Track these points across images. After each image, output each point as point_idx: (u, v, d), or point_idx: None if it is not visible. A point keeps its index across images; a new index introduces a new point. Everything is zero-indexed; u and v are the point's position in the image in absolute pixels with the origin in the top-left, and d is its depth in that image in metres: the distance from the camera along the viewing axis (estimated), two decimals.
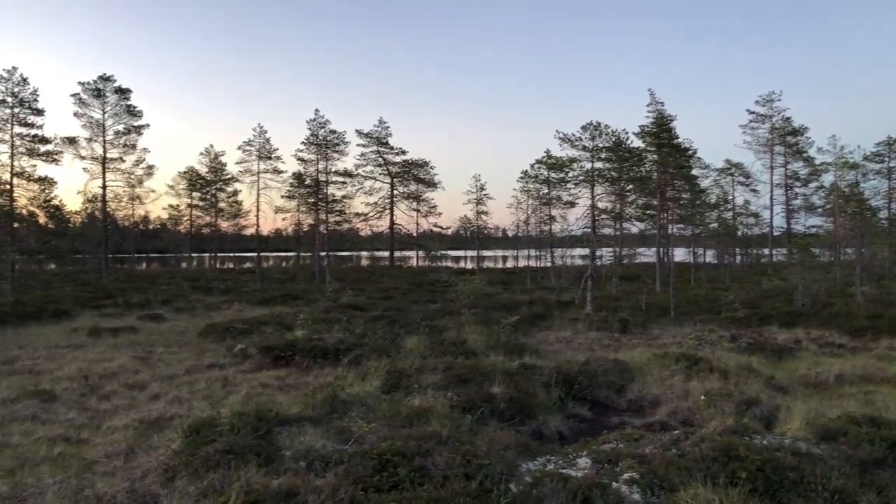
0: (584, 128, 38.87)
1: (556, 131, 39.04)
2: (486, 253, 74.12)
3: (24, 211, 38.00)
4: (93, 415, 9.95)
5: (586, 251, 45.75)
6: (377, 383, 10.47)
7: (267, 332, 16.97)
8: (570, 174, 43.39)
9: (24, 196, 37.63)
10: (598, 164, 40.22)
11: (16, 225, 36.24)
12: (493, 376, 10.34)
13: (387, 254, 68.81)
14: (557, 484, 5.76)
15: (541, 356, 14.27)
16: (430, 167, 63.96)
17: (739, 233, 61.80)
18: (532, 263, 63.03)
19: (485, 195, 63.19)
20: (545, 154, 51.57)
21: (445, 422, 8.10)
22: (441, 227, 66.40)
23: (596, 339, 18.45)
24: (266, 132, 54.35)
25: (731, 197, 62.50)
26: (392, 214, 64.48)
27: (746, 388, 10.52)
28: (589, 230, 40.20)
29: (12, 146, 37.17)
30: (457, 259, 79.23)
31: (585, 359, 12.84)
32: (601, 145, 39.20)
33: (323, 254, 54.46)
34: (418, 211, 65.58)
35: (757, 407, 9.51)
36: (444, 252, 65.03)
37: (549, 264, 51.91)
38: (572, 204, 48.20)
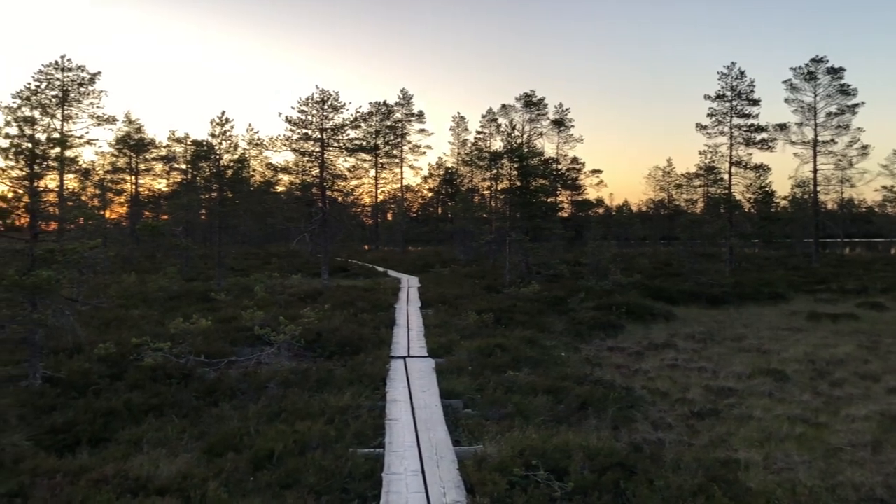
0: None
1: None
2: None
3: (739, 197, 41.02)
4: (826, 400, 9.97)
5: None
6: None
7: None
8: None
9: (740, 183, 41.03)
10: None
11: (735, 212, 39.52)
12: None
13: None
14: None
15: None
16: None
17: None
18: None
19: None
20: None
21: None
22: None
23: None
24: None
25: None
26: None
27: None
28: None
29: (731, 137, 40.69)
30: None
31: None
32: None
33: None
34: None
35: None
36: None
37: None
38: None
